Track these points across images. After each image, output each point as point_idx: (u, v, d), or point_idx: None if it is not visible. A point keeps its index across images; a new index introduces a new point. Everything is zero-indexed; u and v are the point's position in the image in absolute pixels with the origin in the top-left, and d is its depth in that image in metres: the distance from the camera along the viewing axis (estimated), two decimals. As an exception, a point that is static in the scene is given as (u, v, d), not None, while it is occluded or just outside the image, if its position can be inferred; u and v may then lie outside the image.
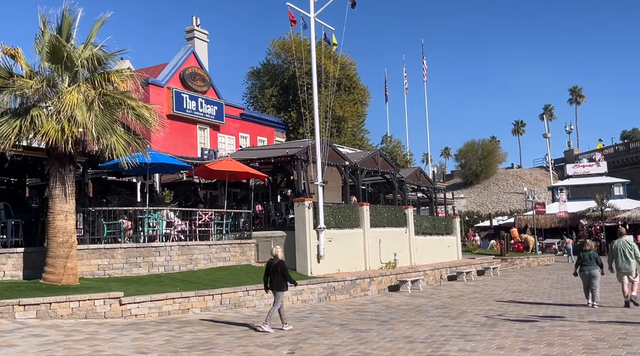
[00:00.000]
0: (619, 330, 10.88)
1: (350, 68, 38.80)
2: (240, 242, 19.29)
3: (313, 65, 19.41)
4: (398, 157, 42.39)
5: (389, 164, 26.20)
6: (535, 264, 34.00)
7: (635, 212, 41.27)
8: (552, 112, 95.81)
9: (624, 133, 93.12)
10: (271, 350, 9.72)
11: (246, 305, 14.91)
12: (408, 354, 9.21)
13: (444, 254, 28.77)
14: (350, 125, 38.25)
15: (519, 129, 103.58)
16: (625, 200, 48.69)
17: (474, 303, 16.26)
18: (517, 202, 71.78)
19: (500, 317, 13.25)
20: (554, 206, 50.85)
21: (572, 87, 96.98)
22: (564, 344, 9.69)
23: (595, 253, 14.97)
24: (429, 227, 27.89)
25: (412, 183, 28.84)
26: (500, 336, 10.66)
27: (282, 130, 36.40)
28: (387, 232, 23.49)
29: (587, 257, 14.84)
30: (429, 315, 14.04)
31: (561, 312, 13.91)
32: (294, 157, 19.84)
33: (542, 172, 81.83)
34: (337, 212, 20.76)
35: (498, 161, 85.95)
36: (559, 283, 22.52)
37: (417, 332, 11.37)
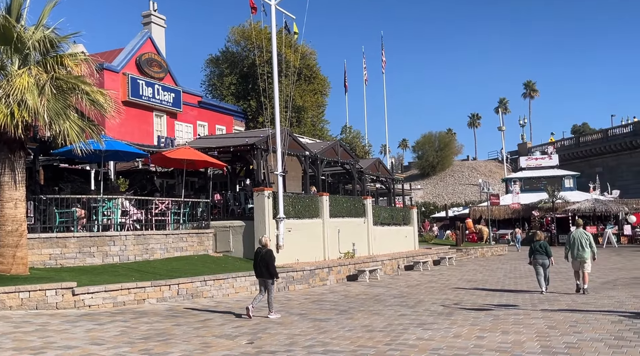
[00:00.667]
0: (570, 318, 11.20)
1: (311, 58, 38.63)
2: (198, 232, 19.02)
3: (274, 54, 19.21)
4: (357, 147, 42.56)
5: (349, 155, 26.27)
6: (489, 254, 34.77)
7: (584, 203, 42.64)
8: (507, 106, 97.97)
9: (575, 128, 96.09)
10: (230, 340, 9.61)
11: (204, 295, 14.73)
12: (367, 343, 9.25)
13: (402, 244, 29.11)
14: (310, 115, 38.13)
15: (475, 122, 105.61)
16: (575, 192, 50.28)
17: (430, 293, 16.50)
18: (472, 193, 73.35)
19: (456, 306, 13.47)
20: (507, 197, 52.08)
21: (526, 81, 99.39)
22: (518, 332, 9.91)
23: (545, 243, 15.85)
24: (387, 218, 28.16)
25: (371, 174, 29.02)
26: (457, 324, 10.83)
27: (242, 118, 36.01)
28: (346, 222, 23.59)
29: (538, 247, 15.67)
30: (387, 304, 14.16)
31: (515, 301, 14.24)
32: (253, 146, 19.65)
33: (497, 164, 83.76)
34: (296, 201, 20.71)
35: (454, 153, 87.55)
36: (512, 272, 23.07)
37: (376, 321, 11.45)
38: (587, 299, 14.10)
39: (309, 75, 37.83)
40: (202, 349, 8.89)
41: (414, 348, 8.77)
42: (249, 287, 16.08)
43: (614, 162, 62.89)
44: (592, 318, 11.13)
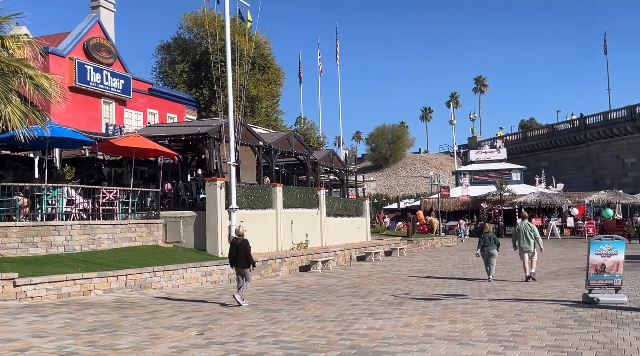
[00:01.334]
0: (515, 307, 11.52)
1: (265, 47, 38.29)
2: (148, 222, 18.61)
3: (227, 42, 18.90)
4: (312, 139, 42.56)
5: (303, 146, 26.21)
6: (439, 245, 35.43)
7: (531, 196, 43.93)
8: (458, 100, 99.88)
9: (522, 123, 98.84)
10: (179, 331, 9.44)
11: (153, 286, 14.44)
12: (318, 333, 9.26)
13: (354, 235, 29.32)
14: (264, 105, 37.83)
15: (427, 115, 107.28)
16: (522, 185, 51.75)
17: (382, 283, 16.68)
18: (424, 186, 74.56)
19: (406, 296, 13.66)
20: (457, 190, 53.14)
21: (477, 76, 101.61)
22: (465, 321, 10.11)
23: (493, 235, 16.83)
24: (340, 209, 28.28)
25: (324, 165, 29.05)
26: (407, 314, 10.97)
27: (194, 107, 35.40)
28: (299, 213, 23.56)
29: (487, 238, 16.58)
30: (339, 294, 14.23)
31: (463, 291, 14.55)
32: (206, 135, 19.33)
33: (448, 157, 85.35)
34: (250, 192, 20.53)
35: (407, 146, 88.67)
36: (461, 263, 23.58)
37: (328, 311, 11.48)
38: (532, 289, 14.54)
39: (263, 64, 37.49)
40: (150, 340, 8.70)
41: (365, 338, 8.83)
42: (200, 278, 15.87)
43: (559, 157, 65.05)
44: (536, 307, 11.47)
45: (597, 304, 11.36)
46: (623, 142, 56.39)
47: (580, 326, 9.31)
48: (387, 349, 8.04)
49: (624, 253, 11.81)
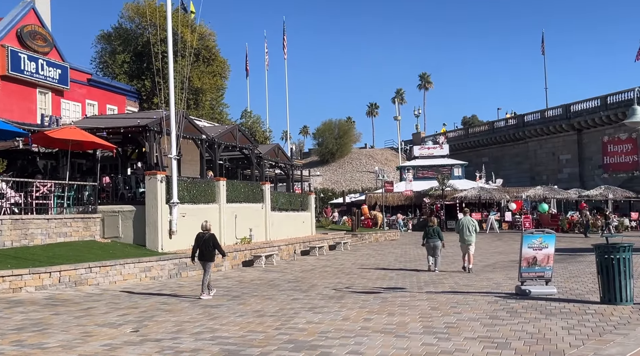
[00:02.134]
0: (451, 299, 11.80)
1: (210, 39, 37.63)
2: (84, 217, 18.03)
3: (169, 32, 18.50)
4: (257, 132, 42.25)
5: (248, 139, 25.99)
6: (382, 239, 35.91)
7: (471, 191, 45.11)
8: (403, 96, 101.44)
9: (465, 119, 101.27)
10: (113, 328, 9.20)
11: (88, 283, 14.02)
12: (257, 328, 9.22)
13: (299, 230, 29.36)
14: (209, 98, 37.22)
15: (373, 111, 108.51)
16: (463, 180, 53.06)
17: (324, 277, 16.76)
18: (369, 181, 75.39)
19: (347, 290, 13.78)
20: (401, 185, 53.99)
21: (422, 73, 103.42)
22: (403, 313, 10.28)
23: (438, 228, 17.91)
24: (285, 203, 28.23)
25: (270, 159, 28.91)
26: (347, 308, 11.06)
27: (135, 99, 34.47)
28: (243, 207, 23.38)
29: (431, 231, 17.63)
30: (280, 289, 14.21)
31: (403, 284, 14.79)
32: (146, 127, 18.87)
33: (392, 153, 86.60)
34: (192, 186, 20.21)
35: (353, 141, 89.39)
36: (403, 257, 23.98)
37: (268, 306, 11.44)
38: (469, 281, 14.94)
39: (207, 56, 36.86)
40: (81, 339, 8.44)
41: (303, 332, 8.84)
42: (139, 274, 15.52)
43: (499, 153, 67.04)
44: (472, 299, 11.79)
45: (528, 296, 11.78)
46: (558, 139, 58.64)
47: (512, 318, 9.62)
48: (324, 343, 8.08)
49: (554, 246, 12.30)
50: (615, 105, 49.83)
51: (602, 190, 42.45)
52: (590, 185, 49.94)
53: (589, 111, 54.48)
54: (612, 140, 51.71)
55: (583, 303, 10.80)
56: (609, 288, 10.51)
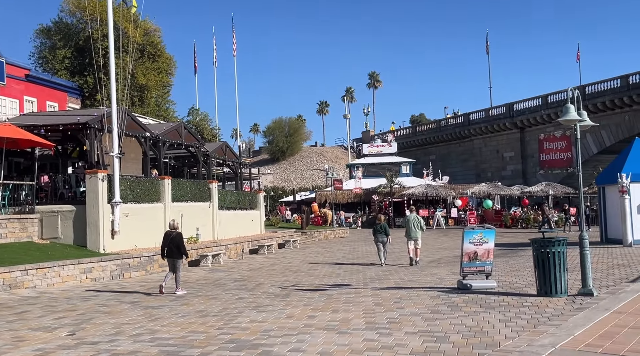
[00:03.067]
0: (395, 295, 11.94)
1: (155, 35, 36.86)
2: (21, 217, 17.33)
3: (110, 26, 17.99)
4: (205, 130, 41.66)
5: (194, 137, 25.59)
6: (332, 237, 36.05)
7: (418, 188, 45.83)
8: (353, 95, 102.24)
9: (413, 118, 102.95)
10: (48, 332, 8.88)
11: (24, 286, 13.49)
12: (199, 328, 9.07)
13: (248, 228, 29.13)
14: (154, 95, 36.46)
15: (323, 109, 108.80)
16: (411, 178, 53.88)
17: (271, 275, 16.68)
18: (319, 179, 75.62)
19: (294, 287, 13.75)
20: (350, 182, 54.36)
21: (371, 72, 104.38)
22: (347, 310, 10.33)
23: (385, 225, 18.90)
24: (233, 202, 27.96)
25: (217, 157, 28.58)
26: (292, 305, 11.03)
27: (77, 95, 33.40)
28: (190, 206, 23.01)
29: (379, 228, 18.64)
30: (226, 288, 14.05)
31: (349, 280, 14.88)
32: (86, 125, 18.28)
33: (343, 151, 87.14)
34: (135, 185, 19.74)
35: (303, 139, 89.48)
36: (351, 254, 24.12)
37: (212, 306, 11.29)
38: (413, 277, 15.16)
39: (153, 52, 36.07)
40: (13, 343, 8.11)
41: (246, 331, 8.76)
42: (79, 276, 15.05)
43: (446, 151, 68.45)
44: (415, 294, 11.97)
45: (469, 290, 12.04)
46: (502, 137, 60.34)
47: (452, 312, 9.81)
48: (266, 341, 8.02)
49: (494, 241, 12.61)
50: (555, 104, 51.62)
51: (543, 187, 43.89)
52: (532, 182, 51.59)
53: (530, 110, 56.30)
54: (547, 137, 53.60)
55: (521, 296, 11.12)
56: (545, 281, 10.87)
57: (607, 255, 18.64)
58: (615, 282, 12.39)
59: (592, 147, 50.62)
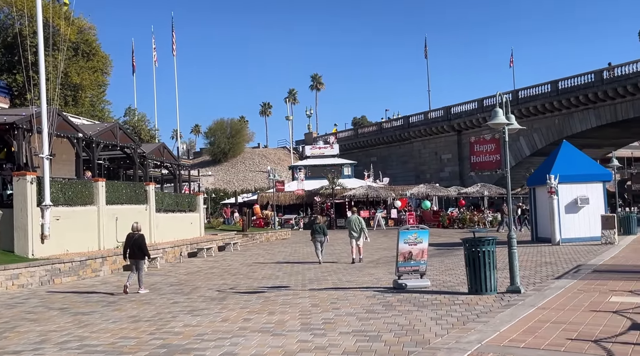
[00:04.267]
0: (332, 296, 12.03)
1: (90, 33, 35.66)
2: (-59, 222, 16.41)
3: (39, 21, 17.30)
4: (143, 131, 40.67)
5: (130, 138, 24.94)
6: (273, 239, 35.94)
7: (359, 190, 46.34)
8: (296, 96, 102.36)
9: (355, 120, 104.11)
10: (-34, 344, 8.44)
11: (-56, 295, 12.77)
12: (130, 334, 8.85)
13: (187, 231, 28.61)
14: (89, 94, 35.28)
15: (266, 111, 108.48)
16: (353, 179, 54.43)
17: (209, 279, 16.47)
18: (262, 180, 75.30)
19: (231, 290, 13.62)
20: (293, 184, 54.36)
21: (313, 74, 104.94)
22: (284, 312, 10.32)
23: (323, 226, 20.06)
24: (171, 204, 27.41)
25: (155, 159, 27.93)
26: (228, 309, 10.93)
27: (5, 94, 31.88)
28: (125, 209, 22.38)
29: (318, 228, 19.70)
30: (161, 292, 13.77)
31: (288, 282, 14.87)
32: (14, 125, 17.51)
33: (285, 152, 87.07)
34: (67, 188, 19.04)
35: (246, 140, 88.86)
36: (292, 255, 24.13)
37: (145, 311, 11.03)
38: (351, 277, 15.32)
39: (87, 51, 34.89)
40: None
41: (179, 336, 8.61)
42: (4, 282, 14.39)
43: (386, 152, 69.57)
44: (351, 294, 12.09)
45: (404, 289, 12.27)
46: (440, 139, 61.90)
47: (387, 311, 9.97)
48: (199, 345, 7.91)
49: (428, 241, 12.90)
50: (491, 107, 53.13)
51: (479, 188, 45.25)
52: (469, 183, 53.15)
53: (467, 113, 58.03)
54: (478, 140, 55.41)
55: (453, 294, 11.43)
56: (475, 279, 11.21)
57: (537, 253, 19.41)
58: (542, 279, 12.91)
59: (525, 149, 52.65)
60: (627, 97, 44.86)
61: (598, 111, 47.32)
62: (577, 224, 22.83)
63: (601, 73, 46.55)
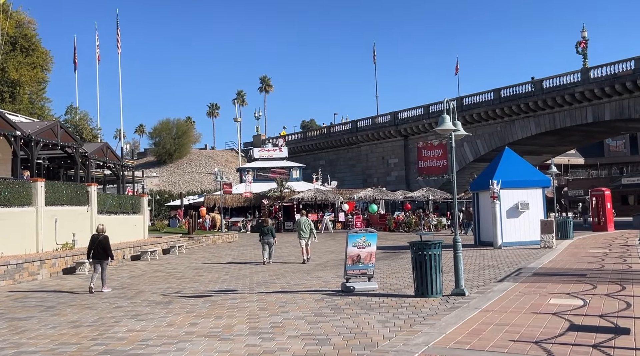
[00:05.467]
0: (281, 299, 11.96)
1: (29, 27, 34.29)
2: None
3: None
4: (85, 130, 39.43)
5: (71, 137, 24.14)
6: (220, 242, 35.51)
7: (308, 193, 46.44)
8: (244, 98, 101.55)
9: (303, 123, 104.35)
10: None
11: None
12: (71, 340, 8.53)
13: (130, 233, 27.90)
14: (27, 91, 33.91)
15: (214, 112, 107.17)
16: (301, 182, 54.54)
17: (154, 282, 16.08)
18: (209, 182, 74.28)
19: (177, 294, 13.35)
20: (241, 186, 53.94)
21: (262, 76, 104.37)
22: (231, 316, 10.18)
23: (271, 228, 20.80)
24: (114, 206, 26.68)
25: (97, 159, 27.15)
26: (173, 313, 10.69)
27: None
28: (65, 210, 21.64)
29: (266, 230, 20.48)
30: (103, 297, 13.35)
31: (235, 286, 14.68)
32: (-54, 121, 16.64)
33: (233, 154, 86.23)
34: (3, 188, 18.22)
35: (192, 141, 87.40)
36: (239, 258, 23.88)
37: (87, 316, 10.66)
38: (300, 280, 15.28)
39: (26, 46, 33.54)
40: None
41: (122, 341, 8.36)
42: None
43: (335, 156, 69.99)
44: (300, 297, 12.05)
45: (352, 292, 12.34)
46: (387, 144, 62.78)
47: (335, 314, 9.99)
48: (144, 351, 7.70)
49: (376, 244, 13.02)
50: (436, 113, 54.53)
51: (424, 192, 46.15)
52: (414, 187, 54.09)
53: (413, 119, 59.09)
54: (425, 145, 56.64)
55: (400, 297, 11.57)
56: (422, 282, 11.39)
57: (480, 256, 19.92)
58: (485, 282, 13.24)
59: (469, 155, 54.05)
60: (565, 107, 46.79)
61: (538, 119, 49.12)
62: (517, 228, 23.56)
63: (541, 82, 48.37)
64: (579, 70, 46.12)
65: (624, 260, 16.70)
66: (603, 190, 35.39)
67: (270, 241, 20.27)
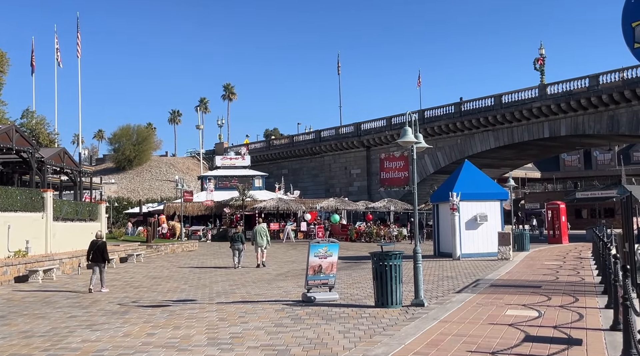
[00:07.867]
0: (241, 309, 11.85)
1: (-14, 27, 33.37)
2: None
3: None
4: (41, 135, 38.41)
5: (27, 141, 23.49)
6: (179, 250, 34.95)
7: (270, 202, 46.20)
8: (207, 105, 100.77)
9: (267, 132, 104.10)
10: None
11: None
12: (22, 350, 8.25)
13: (87, 241, 26.92)
14: (-18, 93, 32.93)
15: (176, 118, 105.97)
16: (264, 191, 54.25)
17: (110, 291, 15.70)
18: (169, 190, 73.30)
19: (134, 304, 13.08)
20: (202, 195, 53.32)
21: (226, 84, 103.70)
22: (190, 326, 10.03)
23: (241, 235, 22.57)
24: (70, 212, 26.03)
25: (54, 164, 26.49)
26: (130, 323, 10.47)
27: None
28: (19, 216, 21.03)
29: (237, 237, 22.29)
30: (57, 306, 12.97)
31: (195, 295, 14.49)
32: None
33: (195, 162, 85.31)
34: (-47, 192, 17.58)
35: (153, 148, 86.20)
36: (199, 267, 23.56)
37: (39, 326, 10.34)
38: (260, 290, 15.18)
39: (-18, 46, 32.58)
40: None
41: (76, 351, 8.14)
42: None
43: (298, 165, 69.97)
44: (260, 308, 11.97)
45: (313, 302, 12.32)
46: (350, 154, 63.14)
47: (295, 324, 9.95)
48: (99, 363, 7.51)
49: (337, 254, 13.04)
50: (398, 125, 55.15)
51: (385, 203, 46.53)
52: (376, 198, 54.48)
53: (376, 130, 59.63)
54: (388, 157, 57.27)
55: (360, 308, 11.60)
56: (382, 293, 11.46)
57: (439, 267, 20.19)
58: (444, 293, 13.42)
59: (429, 167, 54.81)
60: (523, 121, 47.98)
61: (497, 133, 50.23)
62: (476, 240, 23.99)
63: (500, 97, 49.52)
64: (536, 86, 47.44)
65: (578, 272, 17.18)
66: (558, 203, 36.38)
67: (239, 247, 21.95)
